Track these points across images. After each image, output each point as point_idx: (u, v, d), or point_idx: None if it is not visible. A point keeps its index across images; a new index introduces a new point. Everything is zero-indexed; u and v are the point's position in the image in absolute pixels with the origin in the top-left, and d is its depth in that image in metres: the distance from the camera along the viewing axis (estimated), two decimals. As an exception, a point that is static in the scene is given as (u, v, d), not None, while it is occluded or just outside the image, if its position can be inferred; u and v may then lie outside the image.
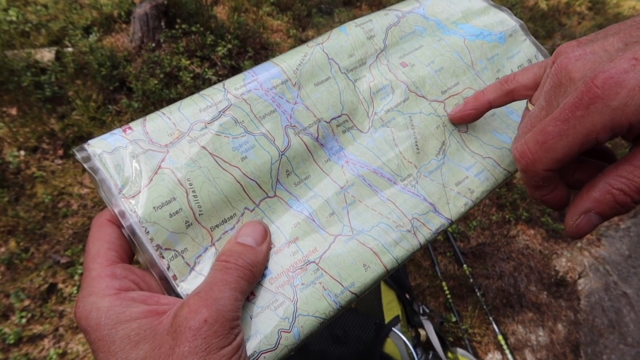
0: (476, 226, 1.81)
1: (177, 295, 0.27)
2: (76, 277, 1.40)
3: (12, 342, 1.25)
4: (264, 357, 0.26)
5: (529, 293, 1.66)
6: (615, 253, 1.86)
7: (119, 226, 0.27)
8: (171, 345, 0.23)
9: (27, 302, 1.33)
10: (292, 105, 0.33)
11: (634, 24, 0.24)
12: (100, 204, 1.56)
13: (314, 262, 0.30)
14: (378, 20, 0.38)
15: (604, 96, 0.22)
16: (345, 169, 0.33)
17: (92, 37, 1.95)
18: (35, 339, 1.28)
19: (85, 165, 0.28)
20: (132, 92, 1.84)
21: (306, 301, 0.28)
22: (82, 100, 1.75)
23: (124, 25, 2.06)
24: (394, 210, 0.33)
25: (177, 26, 1.98)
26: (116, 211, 0.27)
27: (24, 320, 1.30)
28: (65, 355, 1.27)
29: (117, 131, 0.29)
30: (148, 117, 0.30)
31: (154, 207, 0.27)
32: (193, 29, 1.98)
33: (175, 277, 0.27)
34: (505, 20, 0.42)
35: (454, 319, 1.50)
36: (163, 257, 0.27)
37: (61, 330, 1.31)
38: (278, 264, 0.29)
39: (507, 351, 1.44)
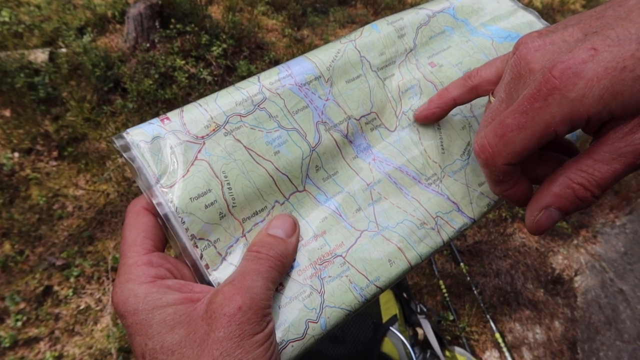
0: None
1: (209, 284, 0.28)
2: (72, 280, 1.39)
3: (7, 345, 1.24)
4: (292, 346, 0.27)
5: (526, 291, 1.67)
6: (611, 250, 1.86)
7: (155, 214, 0.28)
8: (206, 330, 0.24)
9: (22, 305, 1.33)
10: (324, 101, 0.33)
11: (594, 15, 0.23)
12: (95, 205, 1.55)
13: (340, 255, 0.31)
14: (409, 19, 0.38)
15: (562, 87, 0.21)
16: (372, 166, 0.34)
17: (86, 38, 1.94)
18: (31, 342, 1.27)
19: (124, 154, 0.28)
20: (126, 92, 1.83)
21: (333, 293, 0.29)
22: (77, 101, 1.74)
23: (118, 26, 2.05)
24: (419, 208, 0.34)
25: (171, 26, 1.97)
26: (154, 201, 0.27)
27: (19, 324, 1.29)
28: (61, 358, 1.26)
29: (155, 121, 0.29)
30: (185, 107, 0.30)
31: (190, 198, 0.28)
32: (188, 28, 1.97)
33: (207, 266, 0.28)
34: (533, 23, 0.42)
35: (451, 318, 1.50)
36: (197, 247, 0.28)
37: (57, 333, 1.30)
38: (306, 256, 0.30)
39: (504, 349, 1.45)
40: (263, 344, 0.24)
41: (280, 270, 0.28)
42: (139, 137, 0.28)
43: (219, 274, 0.28)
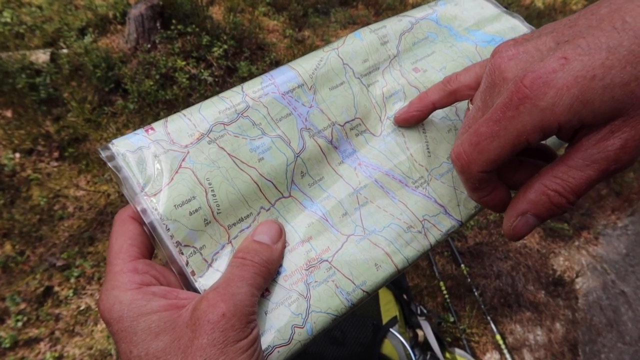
0: (474, 225, 1.81)
1: (195, 290, 0.28)
2: (72, 280, 1.39)
3: (7, 346, 1.24)
4: (278, 352, 0.27)
5: (527, 292, 1.66)
6: (612, 252, 1.86)
7: (141, 223, 0.28)
8: (190, 337, 0.24)
9: (22, 306, 1.33)
10: (308, 108, 0.34)
11: (567, 23, 0.24)
12: (96, 206, 1.55)
13: (327, 260, 0.31)
14: (392, 26, 0.39)
15: (532, 96, 0.21)
16: (357, 171, 0.34)
17: (87, 39, 1.94)
18: (32, 342, 1.28)
19: (109, 164, 0.29)
20: (127, 93, 1.83)
21: (319, 298, 0.29)
22: (78, 101, 1.74)
23: (119, 27, 2.06)
24: (405, 212, 0.34)
25: (172, 27, 1.97)
26: (138, 209, 0.28)
27: (19, 324, 1.29)
28: (61, 359, 1.26)
29: (140, 131, 0.30)
30: (169, 118, 0.31)
31: (174, 205, 0.28)
32: (189, 29, 1.98)
33: (193, 273, 0.28)
34: (517, 27, 0.42)
35: (451, 319, 1.50)
36: (182, 254, 0.28)
37: (57, 333, 1.30)
38: (292, 262, 0.30)
39: (505, 351, 1.44)
40: (247, 350, 0.24)
41: (266, 276, 0.28)
42: (124, 147, 0.29)
43: (206, 281, 0.28)
